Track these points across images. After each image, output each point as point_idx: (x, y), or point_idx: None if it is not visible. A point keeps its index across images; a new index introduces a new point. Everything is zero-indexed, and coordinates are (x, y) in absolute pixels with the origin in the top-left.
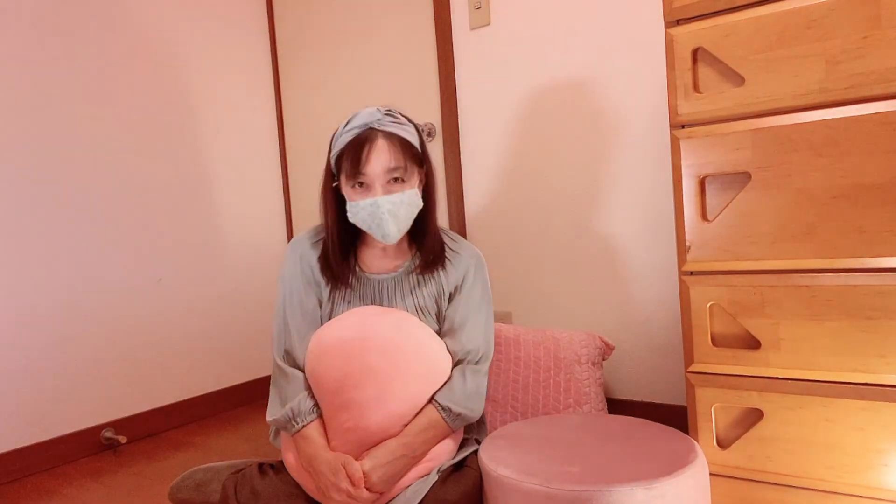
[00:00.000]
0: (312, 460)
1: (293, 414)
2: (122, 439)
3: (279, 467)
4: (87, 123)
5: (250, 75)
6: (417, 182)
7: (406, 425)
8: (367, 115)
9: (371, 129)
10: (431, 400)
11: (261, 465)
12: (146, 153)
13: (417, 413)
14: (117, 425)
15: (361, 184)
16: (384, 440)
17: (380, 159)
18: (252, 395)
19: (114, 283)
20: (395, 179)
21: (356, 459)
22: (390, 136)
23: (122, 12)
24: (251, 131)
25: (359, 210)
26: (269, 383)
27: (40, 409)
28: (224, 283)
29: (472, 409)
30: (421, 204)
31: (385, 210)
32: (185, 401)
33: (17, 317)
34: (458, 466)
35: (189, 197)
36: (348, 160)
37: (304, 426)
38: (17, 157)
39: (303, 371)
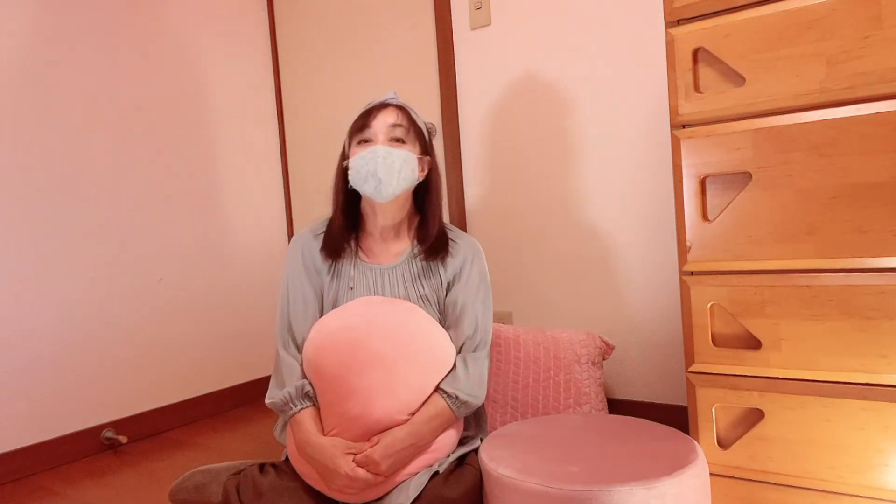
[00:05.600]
0: (304, 445)
1: (290, 397)
2: (123, 439)
3: (280, 465)
4: (87, 125)
5: (250, 76)
6: (418, 157)
7: (412, 414)
8: (384, 96)
9: (385, 103)
10: (437, 389)
11: (262, 466)
12: (146, 155)
13: (424, 402)
14: (118, 425)
15: (367, 140)
16: (389, 428)
17: (385, 118)
18: (252, 395)
19: (114, 283)
20: (398, 140)
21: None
22: (400, 107)
23: (124, 17)
24: (251, 132)
25: (356, 161)
26: (269, 384)
27: (40, 409)
28: (224, 283)
29: (477, 395)
30: (417, 172)
31: (380, 156)
32: (185, 401)
33: (18, 317)
34: (458, 464)
35: (189, 197)
36: (358, 122)
37: (299, 410)
38: (19, 159)
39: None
